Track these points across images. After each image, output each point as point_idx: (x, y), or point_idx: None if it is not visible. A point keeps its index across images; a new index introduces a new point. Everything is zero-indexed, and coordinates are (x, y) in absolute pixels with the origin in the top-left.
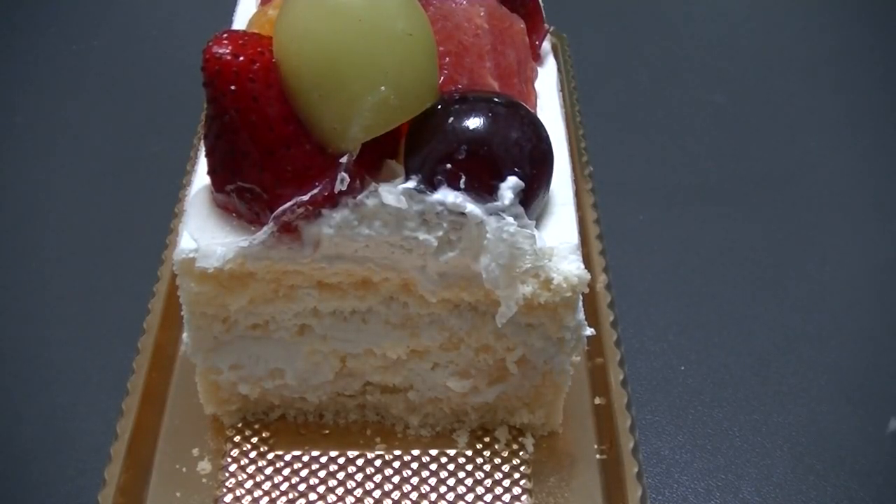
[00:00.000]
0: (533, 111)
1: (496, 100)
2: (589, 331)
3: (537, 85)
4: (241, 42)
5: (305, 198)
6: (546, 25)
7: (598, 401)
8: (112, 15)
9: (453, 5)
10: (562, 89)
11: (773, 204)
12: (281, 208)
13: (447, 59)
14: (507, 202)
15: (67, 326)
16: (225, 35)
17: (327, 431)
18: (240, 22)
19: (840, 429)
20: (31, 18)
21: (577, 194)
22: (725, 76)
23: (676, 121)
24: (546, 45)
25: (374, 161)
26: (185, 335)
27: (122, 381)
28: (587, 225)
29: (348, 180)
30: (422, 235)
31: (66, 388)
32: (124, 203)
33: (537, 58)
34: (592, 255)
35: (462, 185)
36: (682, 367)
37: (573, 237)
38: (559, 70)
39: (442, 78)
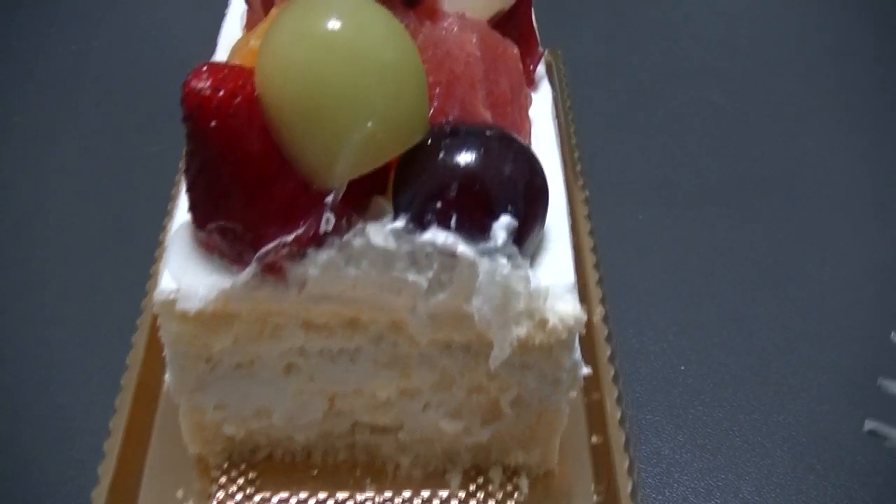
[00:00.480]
0: (527, 141)
1: (488, 133)
2: (586, 370)
3: (532, 111)
4: (221, 75)
5: (290, 238)
6: (541, 49)
7: (594, 439)
8: (112, 15)
9: (444, 32)
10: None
11: (773, 204)
12: (264, 249)
13: (437, 88)
14: (500, 242)
15: (68, 326)
16: (205, 67)
17: (316, 472)
18: (224, 43)
19: (840, 429)
20: (31, 18)
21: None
22: (725, 76)
23: (676, 121)
24: (540, 69)
25: (361, 197)
26: (167, 375)
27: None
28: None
29: (334, 221)
30: (411, 276)
31: (66, 389)
32: (124, 203)
33: (531, 82)
34: (589, 285)
35: (453, 225)
36: (682, 367)
37: (569, 275)
38: (553, 88)
39: (432, 109)
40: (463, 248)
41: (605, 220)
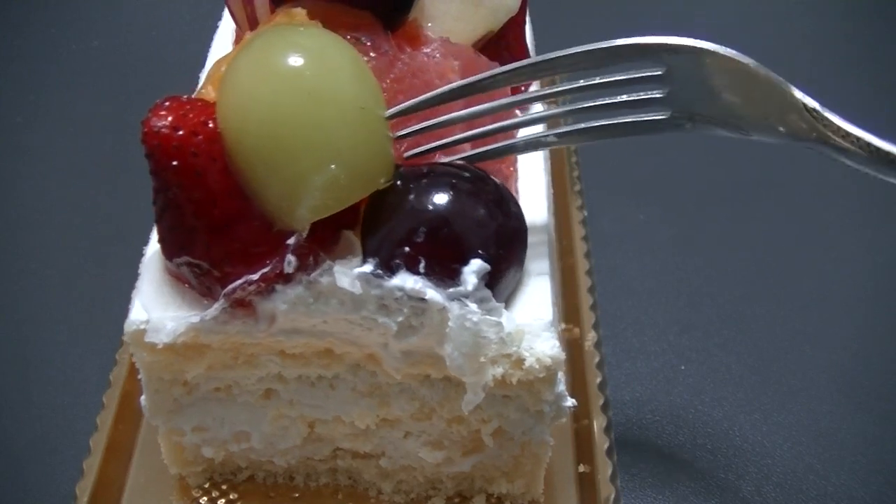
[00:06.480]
0: (511, 169)
1: (461, 173)
2: (570, 402)
3: (520, 136)
4: (181, 112)
5: (255, 276)
6: None
7: (582, 468)
8: (112, 15)
9: (425, 59)
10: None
11: (774, 204)
12: (231, 286)
13: (412, 122)
14: (470, 287)
15: (68, 326)
16: (166, 103)
17: (297, 495)
18: (213, 60)
19: (840, 429)
20: (31, 18)
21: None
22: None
23: None
24: None
25: (329, 234)
26: (142, 398)
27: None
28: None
29: (295, 263)
30: (381, 318)
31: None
32: (122, 204)
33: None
34: (583, 309)
35: (422, 270)
36: (683, 367)
37: (547, 313)
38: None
39: (405, 143)
40: (432, 293)
41: (606, 219)
